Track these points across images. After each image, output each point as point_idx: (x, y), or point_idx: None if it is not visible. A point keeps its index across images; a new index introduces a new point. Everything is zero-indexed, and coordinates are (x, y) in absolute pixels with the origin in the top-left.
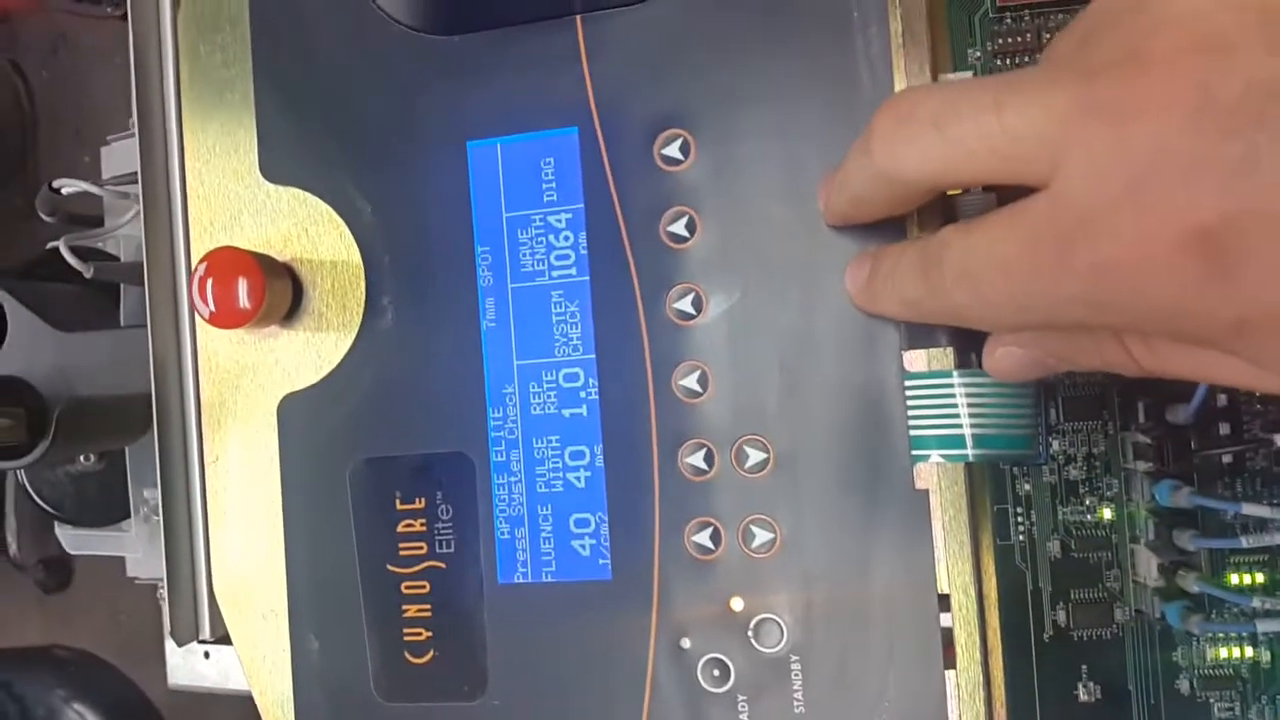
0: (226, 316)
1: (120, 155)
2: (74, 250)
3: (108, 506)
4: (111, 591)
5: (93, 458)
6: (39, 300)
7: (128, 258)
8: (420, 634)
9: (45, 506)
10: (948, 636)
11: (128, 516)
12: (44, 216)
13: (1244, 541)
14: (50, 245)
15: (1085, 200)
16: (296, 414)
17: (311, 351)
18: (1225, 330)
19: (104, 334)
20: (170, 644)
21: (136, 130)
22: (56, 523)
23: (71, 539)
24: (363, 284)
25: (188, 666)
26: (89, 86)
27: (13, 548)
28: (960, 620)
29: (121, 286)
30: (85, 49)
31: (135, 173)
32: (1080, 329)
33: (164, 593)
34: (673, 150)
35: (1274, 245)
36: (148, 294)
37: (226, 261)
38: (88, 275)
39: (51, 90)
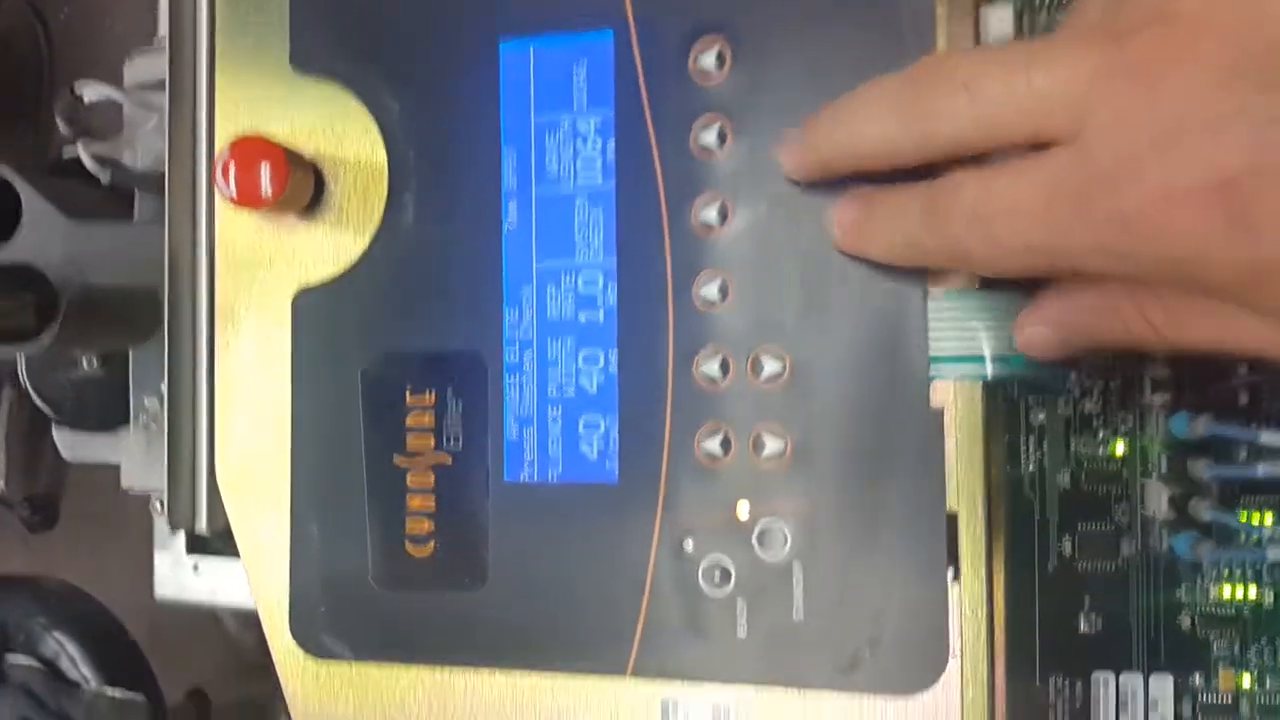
0: (248, 200)
1: (142, 68)
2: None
3: (107, 412)
4: (97, 532)
5: (95, 362)
6: (54, 192)
7: (145, 169)
8: (422, 526)
9: (45, 408)
10: (953, 553)
11: (126, 424)
12: (61, 125)
13: (1260, 470)
14: (67, 152)
15: (1110, 152)
16: (312, 306)
17: (330, 245)
18: (1243, 281)
19: (118, 226)
20: (159, 557)
21: (168, 13)
22: (54, 426)
23: (69, 443)
24: (385, 180)
25: (175, 580)
26: (107, 29)
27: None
28: (967, 536)
29: (137, 195)
30: None
31: (159, 80)
32: (1094, 283)
33: (157, 503)
34: (708, 59)
35: None
36: (167, 178)
37: (251, 147)
38: (104, 180)
39: (69, 32)
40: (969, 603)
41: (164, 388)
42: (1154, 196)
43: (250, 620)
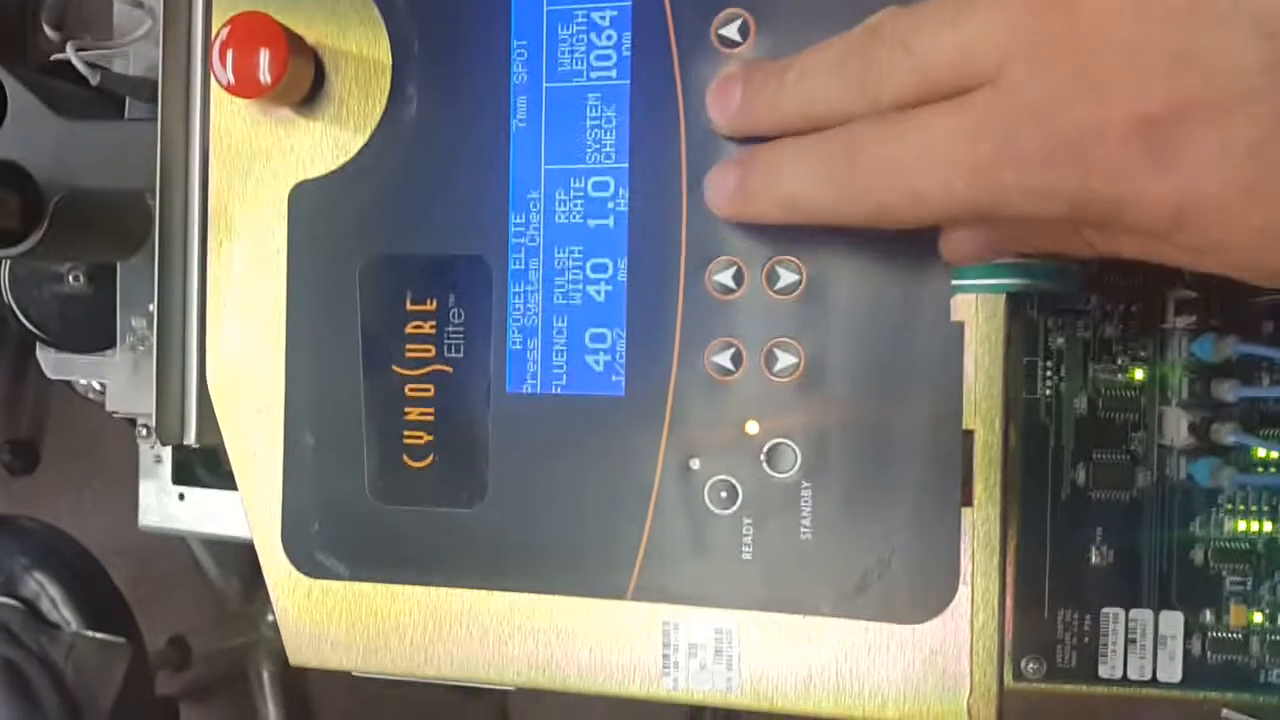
0: (244, 88)
1: None
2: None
3: (93, 332)
4: (78, 475)
5: (81, 279)
6: (43, 90)
7: (137, 76)
8: (421, 438)
9: (30, 327)
10: (967, 474)
11: (113, 345)
12: (47, 29)
13: None
14: (56, 56)
15: (1034, 88)
16: (309, 204)
17: (329, 139)
18: (1166, 219)
19: (109, 124)
20: (144, 485)
21: None
22: (39, 345)
23: (53, 363)
24: (389, 72)
25: (160, 508)
26: None
27: None
28: (984, 456)
29: (127, 102)
30: None
31: None
32: (1021, 221)
33: (143, 428)
34: None
35: (1211, 134)
36: (160, 68)
37: (250, 28)
38: (94, 82)
39: None
40: (981, 526)
41: (152, 307)
42: (1080, 130)
43: (232, 567)
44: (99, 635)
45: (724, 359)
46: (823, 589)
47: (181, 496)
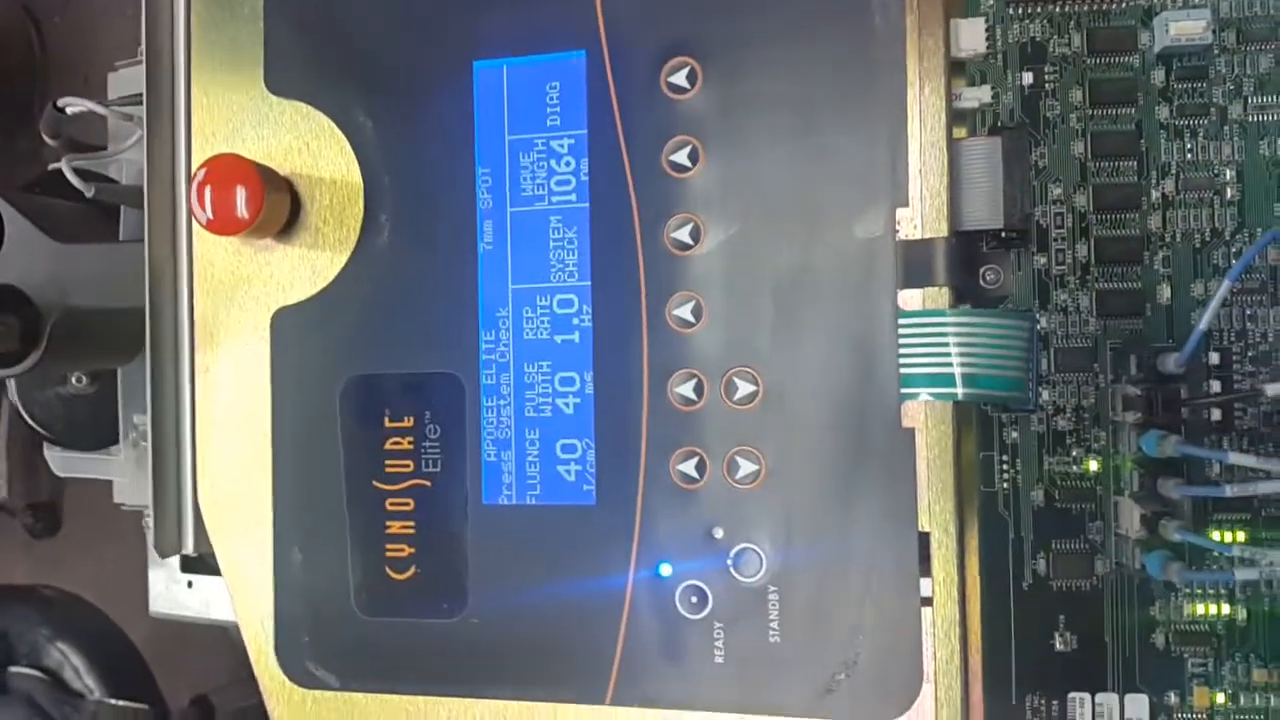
0: (223, 224)
1: (127, 81)
2: (76, 172)
3: (97, 430)
4: (98, 537)
5: (84, 380)
6: (38, 211)
7: (129, 183)
8: (402, 550)
9: (36, 427)
10: (926, 575)
11: (117, 441)
12: (47, 139)
13: (1228, 490)
14: (52, 166)
15: None
16: (289, 328)
17: (307, 266)
18: None
19: (101, 247)
20: (154, 573)
21: (144, 39)
22: (45, 445)
23: (60, 461)
24: (361, 201)
25: (170, 596)
26: (100, 33)
27: (2, 492)
28: (939, 558)
29: (122, 209)
30: None
31: (141, 94)
32: None
33: (148, 519)
34: (680, 78)
35: None
36: (146, 202)
37: (226, 169)
38: (88, 194)
39: (63, 36)
40: (941, 625)
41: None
42: None
43: None
44: (121, 703)
45: (688, 467)
46: (793, 691)
47: (190, 584)
